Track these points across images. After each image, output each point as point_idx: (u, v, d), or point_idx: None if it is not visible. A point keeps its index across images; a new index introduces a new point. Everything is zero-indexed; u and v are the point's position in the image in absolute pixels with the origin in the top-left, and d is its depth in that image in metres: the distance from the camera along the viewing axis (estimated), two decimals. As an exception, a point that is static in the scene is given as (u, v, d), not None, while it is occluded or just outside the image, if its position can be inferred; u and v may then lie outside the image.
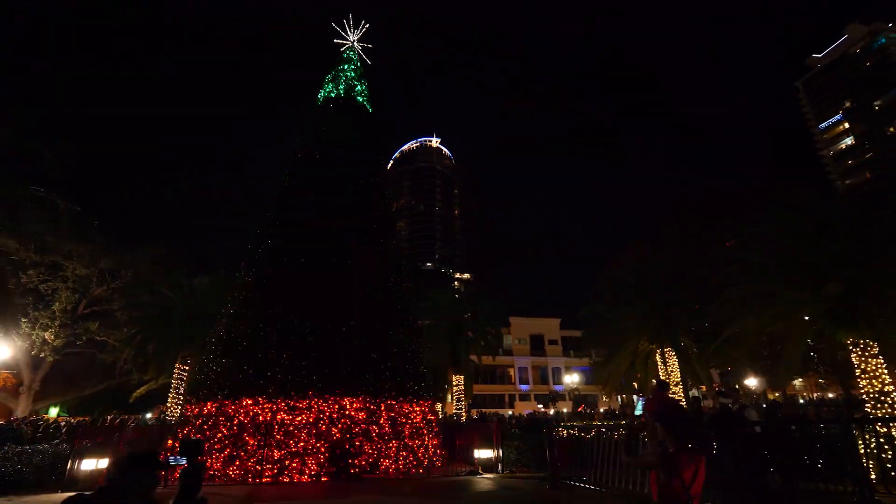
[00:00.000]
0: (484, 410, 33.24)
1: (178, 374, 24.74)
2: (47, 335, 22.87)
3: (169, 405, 24.48)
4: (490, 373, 58.81)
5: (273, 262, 14.44)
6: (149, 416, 28.73)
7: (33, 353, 22.74)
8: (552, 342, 67.07)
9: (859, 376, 11.55)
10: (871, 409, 11.18)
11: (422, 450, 12.92)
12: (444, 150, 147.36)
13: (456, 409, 27.14)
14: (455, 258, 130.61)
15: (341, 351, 12.83)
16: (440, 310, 25.94)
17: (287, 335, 12.73)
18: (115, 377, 29.07)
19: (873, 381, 11.24)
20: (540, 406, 57.98)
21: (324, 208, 15.29)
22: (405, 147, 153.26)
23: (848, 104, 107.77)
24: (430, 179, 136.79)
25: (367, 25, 21.67)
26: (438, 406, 27.83)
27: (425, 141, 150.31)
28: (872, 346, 11.39)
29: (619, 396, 45.76)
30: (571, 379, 44.80)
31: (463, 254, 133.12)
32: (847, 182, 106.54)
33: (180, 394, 25.04)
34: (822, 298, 11.28)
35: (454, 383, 28.08)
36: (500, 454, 11.64)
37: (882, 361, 11.33)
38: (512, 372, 64.14)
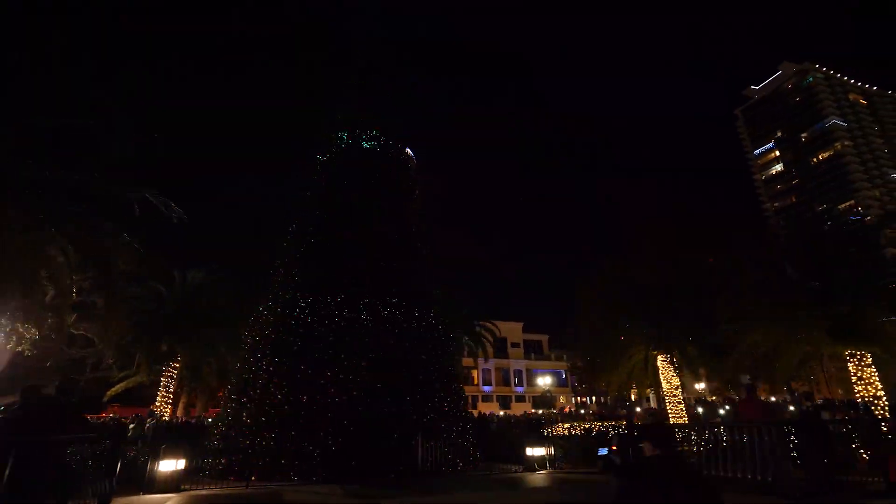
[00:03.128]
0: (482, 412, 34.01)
1: (169, 371, 23.68)
2: (25, 327, 21.13)
3: (158, 404, 23.36)
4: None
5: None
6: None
7: (9, 346, 20.91)
8: (514, 345, 68.96)
9: (855, 383, 13.42)
10: (864, 410, 13.03)
11: (467, 448, 13.50)
12: (408, 150, 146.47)
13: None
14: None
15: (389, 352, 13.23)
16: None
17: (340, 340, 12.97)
18: (86, 374, 27.20)
19: (868, 386, 13.11)
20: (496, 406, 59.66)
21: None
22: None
23: (779, 134, 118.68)
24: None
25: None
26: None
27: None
28: (867, 357, 13.28)
29: (608, 398, 48.12)
30: (544, 381, 46.61)
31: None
32: (776, 205, 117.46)
33: (170, 392, 23.98)
34: (829, 316, 13.04)
35: (447, 384, 28.72)
36: (553, 452, 12.46)
37: (874, 370, 13.23)
38: (475, 373, 65.20)
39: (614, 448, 6.12)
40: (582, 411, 50.37)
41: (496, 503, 7.93)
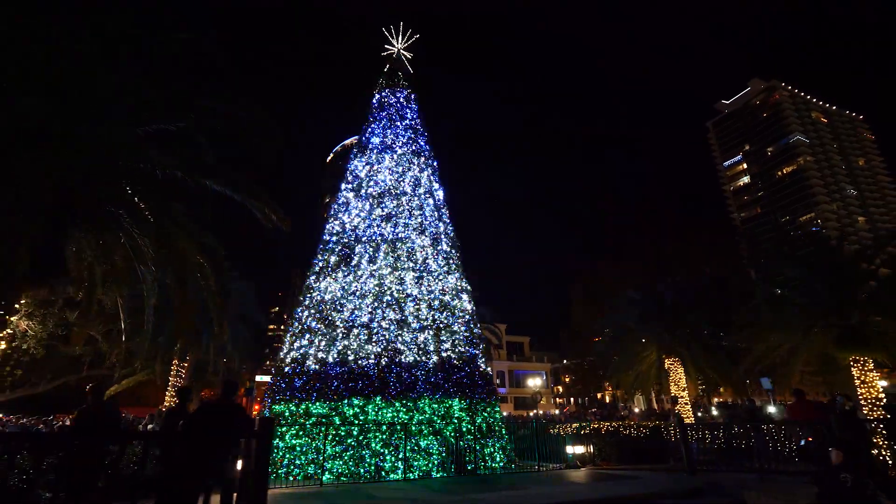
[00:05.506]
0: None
1: (176, 370, 23.34)
2: (30, 324, 20.51)
3: (167, 404, 22.97)
4: (440, 374, 59.96)
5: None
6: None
7: (14, 344, 20.25)
8: (497, 347, 70.17)
9: (858, 386, 14.74)
10: (868, 412, 14.35)
11: (506, 447, 14.11)
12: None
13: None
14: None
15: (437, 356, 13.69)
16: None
17: (393, 343, 13.34)
18: (83, 372, 26.50)
19: (870, 389, 14.44)
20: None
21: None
22: (347, 141, 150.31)
23: (747, 147, 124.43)
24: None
25: (416, 36, 22.28)
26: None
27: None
28: (869, 363, 14.62)
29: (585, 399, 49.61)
30: (534, 383, 47.74)
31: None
32: (742, 215, 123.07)
33: (178, 392, 23.65)
34: (839, 325, 14.33)
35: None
36: (592, 449, 13.21)
37: (876, 375, 14.58)
38: (459, 374, 65.50)
39: (810, 439, 6.81)
40: (594, 410, 51.86)
41: (573, 496, 8.54)
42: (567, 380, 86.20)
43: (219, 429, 5.56)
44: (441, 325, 14.28)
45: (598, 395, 77.27)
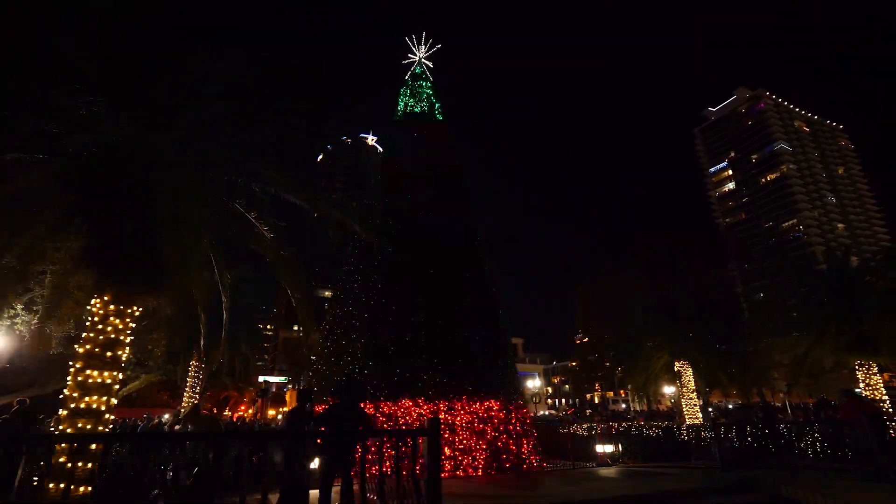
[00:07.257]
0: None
1: (195, 372, 23.52)
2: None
3: (185, 404, 23.15)
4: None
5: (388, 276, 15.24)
6: (166, 416, 26.44)
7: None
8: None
9: (863, 389, 15.77)
10: (872, 412, 15.36)
11: (538, 446, 14.77)
12: (381, 149, 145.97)
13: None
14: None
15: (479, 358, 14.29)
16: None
17: (433, 343, 13.87)
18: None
19: (875, 392, 15.47)
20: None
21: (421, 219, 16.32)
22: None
23: (732, 154, 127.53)
24: (364, 179, 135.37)
25: (438, 46, 22.87)
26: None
27: (360, 138, 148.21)
28: (873, 367, 15.65)
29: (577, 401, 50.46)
30: (533, 384, 48.59)
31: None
32: (727, 220, 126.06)
33: (196, 393, 23.83)
34: (850, 332, 15.33)
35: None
36: (621, 448, 13.94)
37: (880, 378, 15.63)
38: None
39: (893, 435, 7.46)
40: (588, 412, 52.83)
41: (628, 490, 9.21)
42: (557, 380, 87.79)
43: (357, 425, 6.26)
44: (469, 322, 14.82)
45: (588, 396, 78.88)
